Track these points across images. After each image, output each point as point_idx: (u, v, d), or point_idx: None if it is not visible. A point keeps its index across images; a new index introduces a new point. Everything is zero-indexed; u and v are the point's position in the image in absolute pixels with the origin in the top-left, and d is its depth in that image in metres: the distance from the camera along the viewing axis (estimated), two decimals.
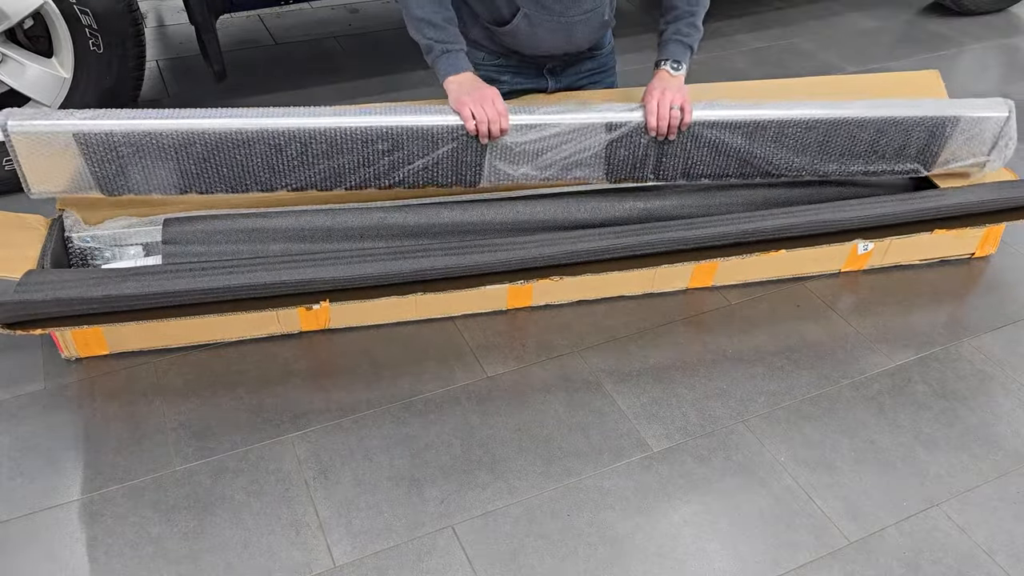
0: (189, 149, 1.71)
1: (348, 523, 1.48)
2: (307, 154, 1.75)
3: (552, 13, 1.81)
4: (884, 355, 1.87)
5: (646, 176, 1.92)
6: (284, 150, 1.74)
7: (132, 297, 1.58)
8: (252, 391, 1.72)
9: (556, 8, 1.81)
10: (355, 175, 1.80)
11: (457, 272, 1.71)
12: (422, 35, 1.75)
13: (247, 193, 1.79)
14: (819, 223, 1.87)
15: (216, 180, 1.76)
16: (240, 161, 1.74)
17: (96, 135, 1.66)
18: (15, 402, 1.68)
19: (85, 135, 1.66)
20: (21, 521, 1.47)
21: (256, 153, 1.73)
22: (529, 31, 1.84)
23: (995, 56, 3.27)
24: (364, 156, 1.77)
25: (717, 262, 1.91)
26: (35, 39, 2.21)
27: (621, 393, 1.75)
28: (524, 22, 1.82)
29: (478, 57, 1.95)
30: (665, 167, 1.91)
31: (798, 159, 1.95)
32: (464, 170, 1.83)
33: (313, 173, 1.78)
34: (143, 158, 1.71)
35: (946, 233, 1.98)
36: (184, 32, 3.20)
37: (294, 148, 1.74)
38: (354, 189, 1.82)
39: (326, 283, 1.66)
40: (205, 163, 1.73)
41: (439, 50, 1.75)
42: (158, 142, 1.69)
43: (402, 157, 1.78)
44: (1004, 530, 1.52)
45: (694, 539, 1.48)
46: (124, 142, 1.68)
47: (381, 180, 1.82)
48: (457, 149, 1.79)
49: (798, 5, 3.64)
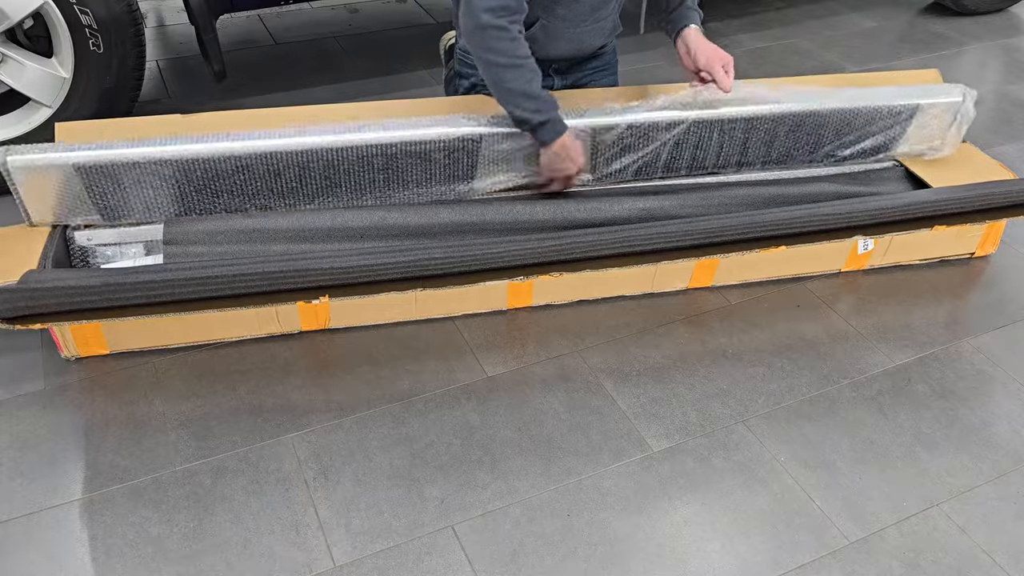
0: (189, 175, 1.76)
1: (348, 523, 1.48)
2: (305, 177, 1.82)
3: (567, 22, 1.88)
4: (884, 355, 1.87)
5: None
6: (282, 175, 1.80)
7: (131, 286, 1.59)
8: (252, 391, 1.72)
9: (571, 18, 1.87)
10: (355, 193, 1.86)
11: (456, 264, 1.71)
12: (519, 108, 1.76)
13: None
14: (819, 216, 1.87)
15: (217, 205, 1.83)
16: (239, 185, 1.80)
17: (97, 166, 1.70)
18: (15, 402, 1.68)
19: (86, 167, 1.69)
20: (21, 521, 1.47)
21: (255, 177, 1.80)
22: (545, 39, 1.89)
23: (995, 56, 3.27)
24: (363, 177, 1.82)
25: (718, 259, 1.91)
26: (35, 39, 2.21)
27: (621, 393, 1.75)
28: (541, 31, 1.88)
29: None
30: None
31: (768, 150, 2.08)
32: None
33: (312, 193, 1.85)
34: (144, 187, 1.76)
35: (946, 231, 1.98)
36: (184, 32, 3.20)
37: (292, 172, 1.80)
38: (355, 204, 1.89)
39: (325, 273, 1.66)
40: (205, 188, 1.79)
41: (536, 121, 1.76)
42: (159, 171, 1.74)
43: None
44: (1004, 530, 1.52)
45: (694, 539, 1.48)
46: (125, 172, 1.72)
47: (397, 194, 1.89)
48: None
49: (798, 5, 3.64)
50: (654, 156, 1.98)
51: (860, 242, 2.02)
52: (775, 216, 1.86)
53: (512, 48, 1.71)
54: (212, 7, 2.35)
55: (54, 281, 1.58)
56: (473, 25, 1.70)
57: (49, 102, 2.20)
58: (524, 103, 1.75)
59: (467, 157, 1.87)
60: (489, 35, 1.69)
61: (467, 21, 1.71)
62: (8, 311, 1.58)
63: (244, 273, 1.62)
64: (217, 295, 1.64)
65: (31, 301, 1.57)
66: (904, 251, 2.09)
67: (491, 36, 1.69)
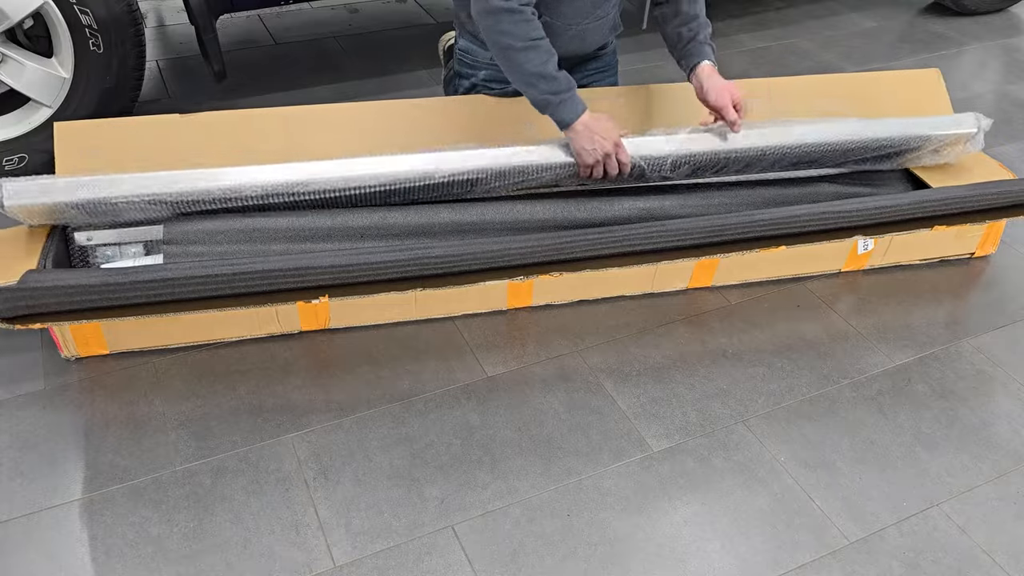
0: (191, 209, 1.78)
1: (348, 523, 1.48)
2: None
3: (569, 19, 1.89)
4: (884, 355, 1.87)
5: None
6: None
7: (131, 285, 1.58)
8: (252, 391, 1.72)
9: (572, 15, 1.88)
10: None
11: (456, 263, 1.71)
12: (536, 90, 1.75)
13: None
14: (819, 216, 1.87)
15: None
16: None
17: (95, 202, 1.70)
18: (15, 402, 1.68)
19: (83, 204, 1.70)
20: (21, 521, 1.47)
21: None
22: (548, 36, 1.88)
23: (995, 56, 3.27)
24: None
25: (718, 259, 1.91)
26: (35, 39, 2.21)
27: (621, 393, 1.75)
28: (544, 29, 1.86)
29: (486, 57, 2.02)
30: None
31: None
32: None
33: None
34: (142, 212, 1.77)
35: (946, 230, 1.98)
36: (184, 32, 3.20)
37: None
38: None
39: (324, 272, 1.66)
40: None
41: (556, 101, 1.76)
42: (157, 209, 1.75)
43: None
44: (1004, 530, 1.52)
45: (694, 539, 1.48)
46: (125, 205, 1.73)
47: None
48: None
49: (798, 5, 3.64)
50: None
51: (860, 242, 2.02)
52: (775, 216, 1.86)
53: (527, 30, 1.71)
54: (212, 7, 2.35)
55: (54, 281, 1.58)
56: (486, 8, 1.70)
57: (49, 102, 2.20)
58: (540, 84, 1.74)
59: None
60: (502, 18, 1.70)
61: (480, 3, 1.71)
62: (8, 311, 1.58)
63: (244, 272, 1.62)
64: (217, 295, 1.64)
65: (31, 301, 1.57)
66: (904, 251, 2.09)
67: (504, 19, 1.70)
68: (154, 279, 1.59)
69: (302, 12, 3.43)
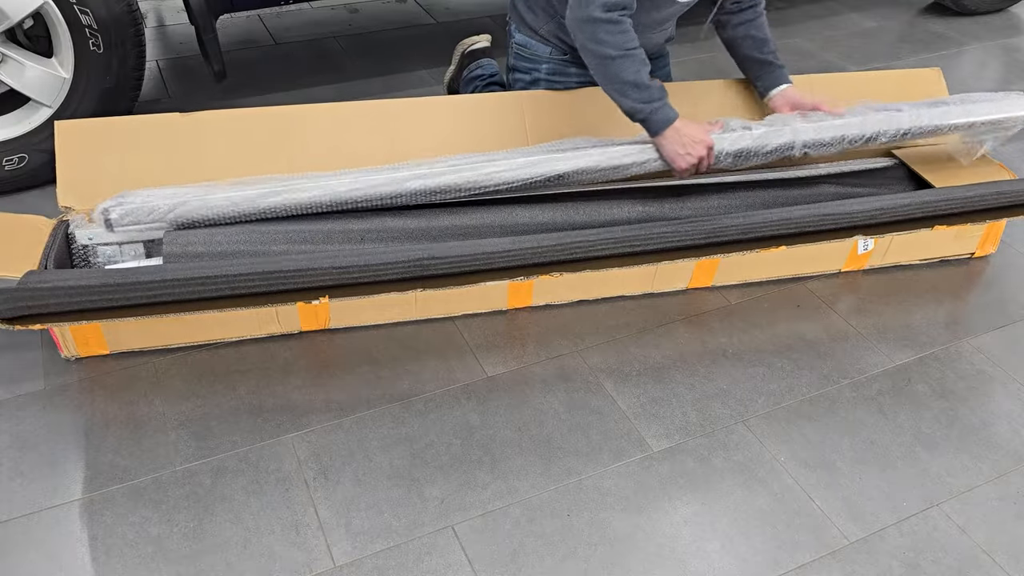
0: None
1: (348, 523, 1.48)
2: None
3: (638, 29, 1.87)
4: (884, 355, 1.87)
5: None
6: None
7: (131, 286, 1.59)
8: (252, 391, 1.72)
9: (639, 26, 1.86)
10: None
11: (456, 264, 1.71)
12: (629, 99, 1.76)
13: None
14: (819, 216, 1.88)
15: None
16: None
17: (195, 221, 1.77)
18: (15, 402, 1.68)
19: (183, 222, 1.77)
20: (21, 521, 1.47)
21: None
22: None
23: (995, 56, 3.28)
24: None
25: (718, 259, 1.91)
26: (35, 39, 2.21)
27: (621, 393, 1.75)
28: None
29: (545, 52, 2.06)
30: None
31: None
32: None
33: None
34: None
35: (946, 230, 1.98)
36: (184, 32, 3.20)
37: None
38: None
39: (325, 273, 1.66)
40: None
41: (648, 110, 1.77)
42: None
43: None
44: (1004, 530, 1.52)
45: (694, 539, 1.48)
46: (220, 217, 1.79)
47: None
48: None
49: (798, 5, 3.64)
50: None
51: (860, 242, 2.02)
52: (775, 216, 1.86)
53: (623, 40, 1.73)
54: (212, 7, 2.35)
55: (54, 281, 1.58)
56: (584, 17, 1.72)
57: (49, 102, 2.20)
58: (632, 92, 1.75)
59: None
60: (600, 28, 1.72)
61: (579, 12, 1.73)
62: (8, 311, 1.58)
63: (244, 273, 1.62)
64: (217, 295, 1.64)
65: (31, 301, 1.57)
66: (904, 251, 2.09)
67: (602, 29, 1.72)
68: (155, 280, 1.59)
69: (302, 12, 3.43)
